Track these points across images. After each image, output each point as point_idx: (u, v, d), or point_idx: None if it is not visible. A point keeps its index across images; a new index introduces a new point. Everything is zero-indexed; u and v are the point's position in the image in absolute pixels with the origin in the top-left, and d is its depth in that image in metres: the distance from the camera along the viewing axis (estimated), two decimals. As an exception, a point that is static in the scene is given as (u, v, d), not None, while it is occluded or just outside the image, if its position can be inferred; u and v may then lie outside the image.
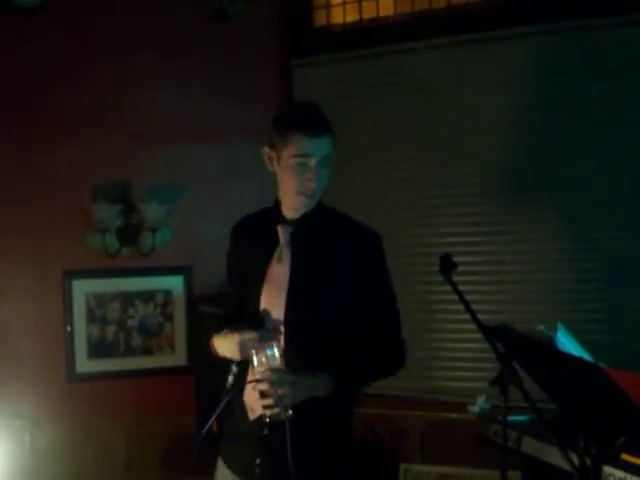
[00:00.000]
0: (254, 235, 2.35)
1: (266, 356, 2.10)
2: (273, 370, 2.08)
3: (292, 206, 2.27)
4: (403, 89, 3.66)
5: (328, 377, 2.13)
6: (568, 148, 3.37)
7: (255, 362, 2.11)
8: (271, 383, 2.07)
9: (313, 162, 2.17)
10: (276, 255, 2.26)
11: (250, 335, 2.15)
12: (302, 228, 2.25)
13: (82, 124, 3.62)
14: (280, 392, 2.07)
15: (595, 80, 3.34)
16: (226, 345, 2.23)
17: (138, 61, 3.69)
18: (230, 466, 2.32)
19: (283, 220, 2.28)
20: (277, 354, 2.10)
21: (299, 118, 2.21)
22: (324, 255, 2.23)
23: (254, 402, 2.20)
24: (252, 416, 2.24)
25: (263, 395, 2.10)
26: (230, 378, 2.25)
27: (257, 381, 2.11)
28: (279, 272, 2.24)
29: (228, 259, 2.44)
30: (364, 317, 2.24)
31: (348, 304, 2.22)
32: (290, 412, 2.09)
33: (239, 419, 2.28)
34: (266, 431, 2.17)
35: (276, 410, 2.08)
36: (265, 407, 2.11)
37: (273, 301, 2.23)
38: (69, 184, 3.60)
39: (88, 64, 3.64)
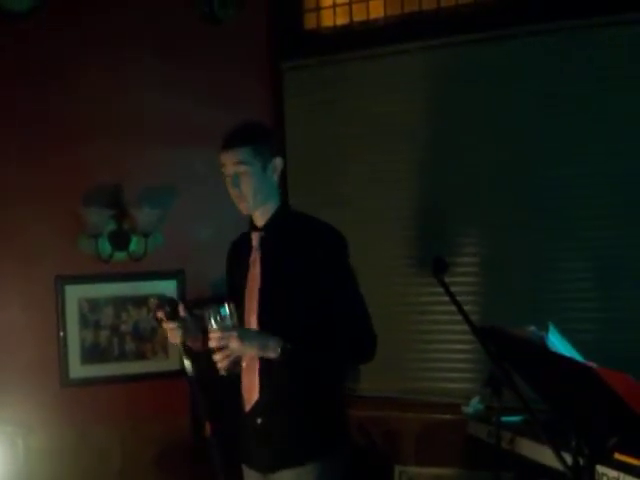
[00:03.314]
0: (240, 246, 2.51)
1: (220, 316, 2.22)
2: (221, 326, 2.21)
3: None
4: (393, 90, 3.67)
5: (279, 340, 2.21)
6: (561, 148, 3.38)
7: (212, 322, 2.22)
8: (219, 338, 2.20)
9: (228, 171, 2.34)
10: (251, 260, 2.40)
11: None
12: (270, 233, 2.39)
13: (74, 129, 3.61)
14: (229, 345, 2.19)
15: (583, 80, 3.35)
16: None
17: (130, 65, 3.68)
18: (244, 462, 2.44)
19: (256, 228, 2.43)
20: (229, 313, 2.22)
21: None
22: (290, 256, 2.34)
23: (248, 392, 2.35)
24: (247, 407, 2.37)
25: (215, 351, 2.22)
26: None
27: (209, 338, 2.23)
28: (254, 276, 2.38)
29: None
30: (330, 312, 2.30)
31: (314, 301, 2.29)
32: (243, 364, 2.27)
33: (239, 415, 2.40)
34: (259, 420, 2.32)
35: (226, 363, 2.21)
36: (218, 362, 2.23)
37: (250, 303, 2.38)
38: (61, 189, 3.59)
39: (79, 68, 3.62)
